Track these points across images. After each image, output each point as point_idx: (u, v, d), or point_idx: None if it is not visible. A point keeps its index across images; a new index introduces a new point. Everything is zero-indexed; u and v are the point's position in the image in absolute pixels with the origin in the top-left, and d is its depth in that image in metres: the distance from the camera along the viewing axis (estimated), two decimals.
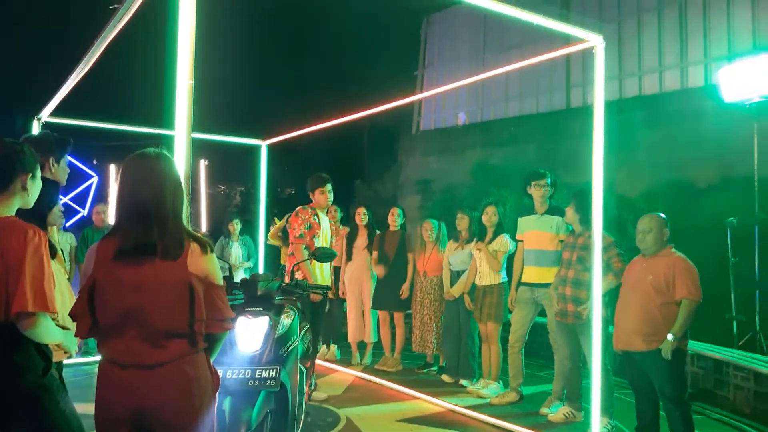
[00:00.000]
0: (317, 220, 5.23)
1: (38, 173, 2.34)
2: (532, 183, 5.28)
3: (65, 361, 2.66)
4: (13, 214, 2.24)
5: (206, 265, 2.05)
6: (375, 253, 6.58)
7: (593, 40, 4.10)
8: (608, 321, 4.50)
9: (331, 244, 5.39)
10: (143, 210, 2.00)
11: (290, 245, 5.24)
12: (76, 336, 2.10)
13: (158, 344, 1.97)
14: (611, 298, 4.54)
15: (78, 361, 5.99)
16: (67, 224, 9.97)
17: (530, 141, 10.81)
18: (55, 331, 2.18)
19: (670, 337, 3.79)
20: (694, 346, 5.60)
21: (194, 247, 2.04)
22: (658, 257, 3.98)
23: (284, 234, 7.70)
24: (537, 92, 11.66)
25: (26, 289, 2.05)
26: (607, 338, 4.34)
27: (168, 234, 2.00)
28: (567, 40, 5.32)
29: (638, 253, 4.20)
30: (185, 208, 2.15)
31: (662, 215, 4.08)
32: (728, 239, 6.57)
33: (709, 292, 3.92)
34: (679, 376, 3.91)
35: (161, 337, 1.98)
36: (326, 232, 5.34)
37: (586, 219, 4.55)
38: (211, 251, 2.10)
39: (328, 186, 5.29)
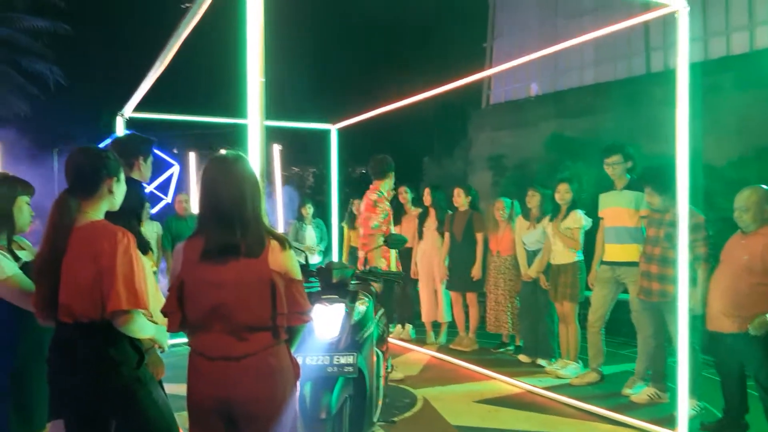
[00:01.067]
0: (389, 206, 5.30)
1: (122, 176, 2.47)
2: (605, 161, 5.09)
3: None
4: (102, 217, 2.37)
5: (285, 261, 2.14)
6: (447, 234, 6.57)
7: (676, 4, 3.85)
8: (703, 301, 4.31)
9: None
10: (226, 212, 2.10)
11: (365, 234, 5.29)
12: (168, 331, 2.23)
13: (243, 337, 2.08)
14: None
15: (169, 343, 6.33)
16: (152, 211, 10.45)
17: (608, 110, 10.33)
18: (148, 327, 2.32)
19: (765, 320, 3.58)
20: None
21: (274, 244, 2.13)
22: (758, 235, 3.76)
23: (350, 217, 7.83)
24: (614, 58, 11.11)
25: (120, 289, 2.19)
26: (694, 317, 4.15)
27: (250, 234, 2.09)
28: (646, 4, 5.03)
29: (733, 227, 3.97)
30: (263, 206, 2.22)
31: (765, 187, 3.82)
32: None
33: None
34: None
35: (246, 331, 2.08)
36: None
37: (670, 197, 4.31)
38: (290, 247, 2.18)
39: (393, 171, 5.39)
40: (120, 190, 2.45)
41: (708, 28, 9.70)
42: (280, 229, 10.92)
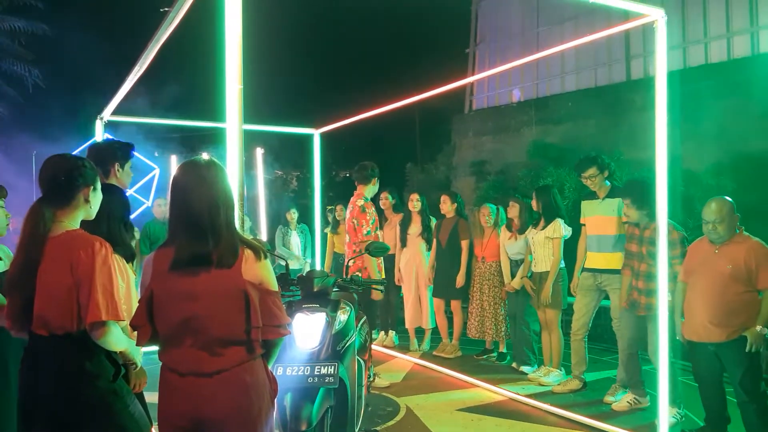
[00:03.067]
0: (375, 212, 5.32)
1: (98, 185, 2.41)
2: (581, 175, 5.12)
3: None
4: (78, 226, 2.31)
5: (260, 271, 2.05)
6: (434, 241, 6.56)
7: (654, 14, 3.87)
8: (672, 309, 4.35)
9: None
10: (197, 221, 2.00)
11: (354, 241, 5.29)
12: (137, 345, 2.16)
13: (216, 352, 1.98)
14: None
15: (150, 350, 6.24)
16: (132, 216, 10.34)
17: (589, 116, 10.40)
18: (123, 339, 2.26)
19: (763, 330, 3.63)
20: None
21: (248, 254, 2.04)
22: (733, 244, 3.79)
23: (334, 222, 7.82)
24: (595, 65, 11.19)
25: (98, 300, 2.13)
26: (673, 325, 4.17)
27: (222, 243, 2.00)
28: (626, 13, 5.09)
29: (701, 235, 3.99)
30: (239, 215, 2.16)
31: (729, 199, 3.86)
32: None
33: None
34: (757, 368, 3.77)
35: (219, 345, 1.99)
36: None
37: (649, 213, 4.32)
38: (265, 258, 2.08)
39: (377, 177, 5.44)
40: (96, 199, 2.39)
41: (687, 36, 9.82)
42: (263, 234, 10.83)
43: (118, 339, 2.23)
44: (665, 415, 3.87)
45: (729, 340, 3.74)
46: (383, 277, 5.17)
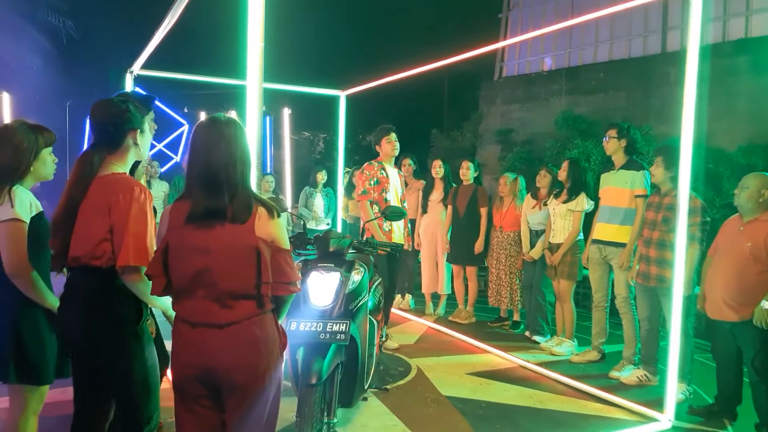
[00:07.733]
0: (385, 174, 5.20)
1: (146, 127, 2.47)
2: (603, 140, 5.07)
3: None
4: (127, 169, 2.40)
5: (273, 229, 2.09)
6: (449, 207, 6.57)
7: None
8: (693, 283, 4.32)
9: (402, 197, 5.36)
10: (214, 175, 2.05)
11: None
12: (151, 294, 2.19)
13: (227, 305, 2.04)
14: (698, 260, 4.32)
15: None
16: (162, 169, 10.50)
17: (621, 88, 10.16)
18: None
19: (766, 305, 3.56)
20: None
21: (262, 211, 2.08)
22: (758, 221, 3.73)
23: (348, 187, 7.83)
24: (630, 35, 10.87)
25: (129, 245, 2.20)
26: (689, 300, 4.15)
27: (237, 199, 2.05)
28: None
29: (734, 212, 3.94)
30: (256, 174, 2.20)
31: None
32: None
33: None
34: None
35: (229, 298, 2.04)
36: (396, 185, 5.30)
37: (674, 177, 4.29)
38: (278, 216, 2.13)
39: (393, 135, 5.27)
40: (145, 140, 2.47)
41: (729, 9, 9.46)
42: (288, 194, 10.91)
43: (149, 288, 2.24)
44: (673, 388, 3.90)
45: (742, 320, 3.70)
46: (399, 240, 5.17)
